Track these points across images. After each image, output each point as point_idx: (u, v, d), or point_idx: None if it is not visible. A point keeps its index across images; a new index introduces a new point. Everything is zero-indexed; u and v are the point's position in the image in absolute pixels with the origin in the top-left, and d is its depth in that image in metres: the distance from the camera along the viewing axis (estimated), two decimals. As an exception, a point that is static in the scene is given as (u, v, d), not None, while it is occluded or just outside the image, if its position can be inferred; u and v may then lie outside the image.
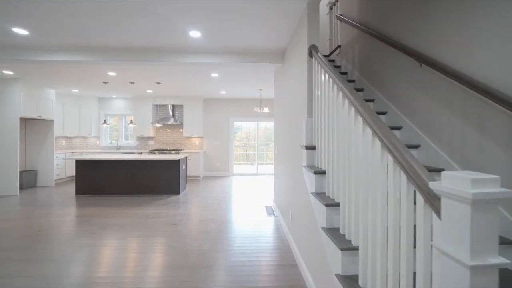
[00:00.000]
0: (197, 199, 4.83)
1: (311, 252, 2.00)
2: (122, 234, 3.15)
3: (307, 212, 2.11)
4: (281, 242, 2.92)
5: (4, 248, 2.75)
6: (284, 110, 3.39)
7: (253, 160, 8.33)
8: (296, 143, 2.58)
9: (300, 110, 2.44)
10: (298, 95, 2.50)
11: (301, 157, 2.33)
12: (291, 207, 2.82)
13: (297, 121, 2.56)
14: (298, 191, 2.45)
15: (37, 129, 6.05)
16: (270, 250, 2.72)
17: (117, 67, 4.27)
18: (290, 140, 2.93)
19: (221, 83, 5.44)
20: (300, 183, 2.35)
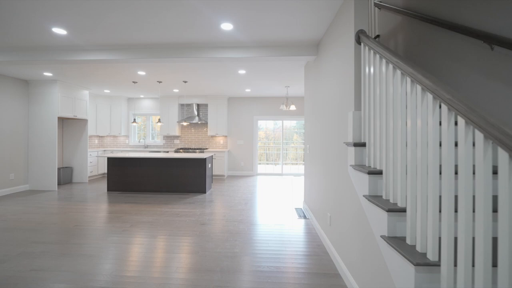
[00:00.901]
0: (224, 199, 4.74)
1: (362, 263, 1.78)
2: (152, 232, 3.13)
3: (355, 216, 1.88)
4: (318, 248, 2.70)
5: (44, 241, 2.83)
6: (318, 106, 3.17)
7: (273, 160, 8.14)
8: (336, 140, 2.36)
9: (343, 104, 2.21)
10: (340, 88, 2.28)
11: (345, 155, 2.11)
12: (329, 210, 2.59)
13: (338, 117, 2.34)
14: (340, 193, 2.22)
15: (72, 128, 6.37)
16: (306, 256, 2.52)
17: (146, 65, 4.31)
18: (327, 138, 2.71)
19: (248, 80, 5.31)
20: (344, 185, 2.13)
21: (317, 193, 3.19)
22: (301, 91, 6.43)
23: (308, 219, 3.60)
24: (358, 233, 1.84)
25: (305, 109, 4.06)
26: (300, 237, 2.99)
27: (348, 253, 2.05)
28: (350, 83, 2.03)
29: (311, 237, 2.99)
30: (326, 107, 2.77)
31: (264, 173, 7.61)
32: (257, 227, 3.30)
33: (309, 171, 3.74)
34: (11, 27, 2.81)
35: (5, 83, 5.05)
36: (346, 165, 2.08)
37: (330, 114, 2.59)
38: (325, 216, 2.76)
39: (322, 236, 2.86)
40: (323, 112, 2.90)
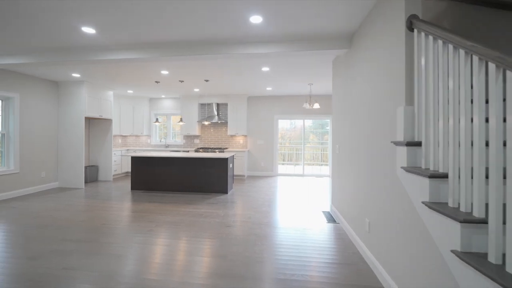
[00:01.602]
0: (246, 200, 4.63)
1: (414, 278, 1.57)
2: (178, 233, 3.07)
3: (407, 224, 1.67)
4: (354, 256, 2.50)
5: (74, 239, 2.85)
6: (351, 103, 2.95)
7: (291, 160, 7.92)
8: (379, 139, 2.14)
9: (387, 99, 2.00)
10: (384, 82, 2.07)
11: (390, 156, 1.90)
12: (368, 216, 2.38)
13: (380, 113, 2.12)
14: (384, 198, 2.01)
15: (98, 128, 6.55)
16: (342, 265, 2.33)
17: (170, 64, 4.29)
18: (365, 137, 2.49)
19: (270, 78, 5.16)
20: (389, 188, 1.92)
21: (350, 197, 2.97)
22: (325, 88, 6.18)
23: (338, 224, 3.39)
24: (410, 243, 1.63)
25: (334, 107, 3.84)
26: (332, 243, 2.79)
27: (395, 264, 1.84)
28: (399, 75, 1.81)
29: (344, 244, 2.78)
30: (363, 103, 2.55)
31: (284, 174, 7.42)
32: (285, 231, 3.14)
33: (338, 172, 3.53)
34: (44, 28, 2.85)
35: (37, 84, 5.27)
36: (393, 166, 1.87)
37: (369, 110, 2.38)
38: (362, 222, 2.55)
39: (357, 243, 2.65)
40: (358, 109, 2.68)
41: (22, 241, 2.83)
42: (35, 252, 2.56)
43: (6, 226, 3.27)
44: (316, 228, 3.26)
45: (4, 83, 4.63)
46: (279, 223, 3.41)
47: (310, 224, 3.38)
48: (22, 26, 2.81)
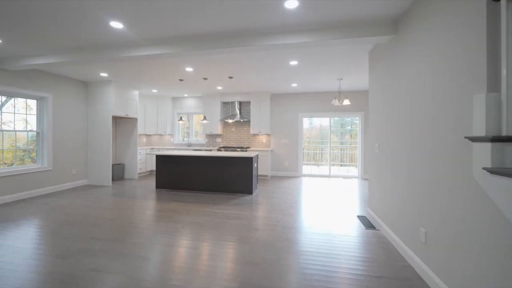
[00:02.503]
0: (272, 201, 4.40)
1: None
2: (205, 235, 2.92)
3: (492, 239, 1.35)
4: (405, 270, 2.17)
5: (102, 238, 2.80)
6: (396, 96, 2.62)
7: (312, 160, 7.54)
8: (439, 135, 1.82)
9: (455, 87, 1.67)
10: (450, 67, 1.74)
11: (461, 154, 1.57)
12: (424, 225, 2.05)
13: (443, 104, 1.79)
14: (451, 204, 1.69)
15: (124, 127, 6.67)
16: (391, 280, 2.02)
17: (195, 60, 4.18)
18: (419, 133, 2.16)
19: (298, 73, 4.89)
20: (461, 194, 1.59)
21: (397, 202, 2.64)
22: (356, 83, 5.78)
23: (378, 231, 3.05)
24: (493, 262, 1.31)
25: (371, 102, 3.50)
26: (376, 254, 2.48)
27: (467, 285, 1.51)
28: (475, 57, 1.49)
29: (389, 255, 2.46)
30: (417, 94, 2.22)
31: (309, 174, 7.10)
32: (320, 237, 2.87)
33: (378, 173, 3.18)
34: (73, 25, 2.83)
35: (69, 84, 5.44)
36: (465, 167, 1.54)
37: (426, 102, 2.04)
38: (415, 231, 2.22)
39: (408, 255, 2.32)
40: (409, 102, 2.35)
41: (53, 238, 2.83)
42: (64, 250, 2.53)
43: (39, 222, 3.33)
44: (353, 235, 2.95)
45: (39, 84, 4.81)
46: (311, 228, 3.14)
47: (346, 230, 3.08)
48: (53, 25, 2.81)
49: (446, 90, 1.77)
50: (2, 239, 2.79)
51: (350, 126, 7.59)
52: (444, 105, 1.78)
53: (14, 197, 4.43)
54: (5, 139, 4.49)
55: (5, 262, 2.31)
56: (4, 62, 4.06)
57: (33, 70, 4.69)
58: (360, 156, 6.69)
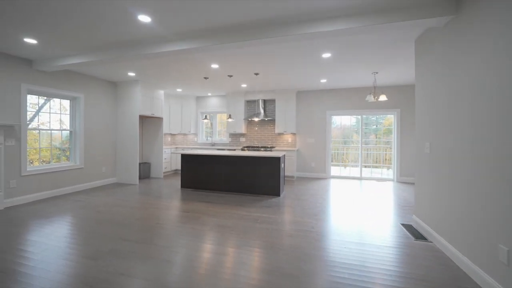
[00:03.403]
0: (302, 204, 4.12)
1: None
2: (234, 240, 2.72)
3: None
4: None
5: (130, 239, 2.72)
6: (455, 89, 2.23)
7: (341, 160, 7.09)
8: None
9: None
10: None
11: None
12: (505, 242, 1.67)
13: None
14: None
15: (150, 126, 6.75)
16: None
17: (222, 55, 4.02)
18: (492, 130, 1.78)
19: (329, 66, 4.56)
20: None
21: (459, 210, 2.25)
22: (393, 78, 5.30)
23: (431, 243, 2.65)
24: None
25: (418, 97, 3.09)
26: (433, 271, 2.12)
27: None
28: None
29: (450, 273, 2.09)
30: (490, 85, 1.84)
31: (338, 176, 6.68)
32: (363, 249, 2.55)
33: (431, 176, 2.78)
34: (102, 21, 2.79)
35: (99, 85, 5.58)
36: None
37: (506, 97, 1.66)
38: (490, 249, 1.84)
39: (478, 276, 1.94)
40: (478, 98, 1.97)
41: (83, 237, 2.80)
42: (95, 251, 2.47)
43: (71, 220, 3.36)
44: (401, 246, 2.59)
45: (71, 84, 4.96)
46: (350, 237, 2.82)
47: (391, 241, 2.72)
48: (83, 24, 2.79)
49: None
50: (37, 236, 2.82)
51: (376, 125, 7.04)
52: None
53: (50, 194, 4.59)
54: (43, 138, 4.67)
55: (38, 260, 2.29)
56: (40, 64, 4.20)
57: (66, 71, 4.83)
58: (395, 156, 6.16)
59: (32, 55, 3.98)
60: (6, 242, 2.66)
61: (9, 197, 4.00)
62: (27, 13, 2.62)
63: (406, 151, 6.05)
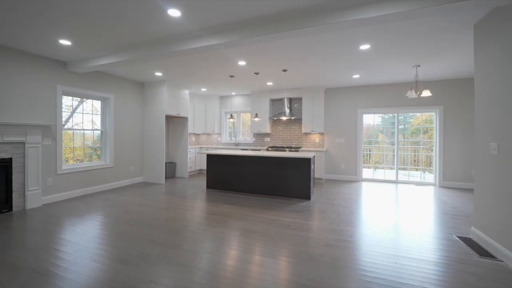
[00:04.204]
0: (336, 209, 3.81)
1: None
2: (268, 248, 2.51)
3: None
4: None
5: (160, 243, 2.63)
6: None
7: (374, 162, 6.59)
8: None
9: None
10: None
11: None
12: None
13: None
14: None
15: (175, 126, 6.78)
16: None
17: (250, 50, 3.84)
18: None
19: (366, 60, 4.19)
20: None
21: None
22: (436, 71, 4.78)
23: (501, 262, 2.24)
24: None
25: (479, 91, 2.66)
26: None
27: None
28: None
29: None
30: None
31: (370, 179, 6.22)
32: (418, 265, 2.21)
33: (496, 182, 2.36)
34: (132, 18, 2.73)
35: (127, 86, 5.67)
36: None
37: None
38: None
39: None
40: None
41: (114, 238, 2.76)
42: (125, 253, 2.39)
43: (101, 219, 3.36)
44: (463, 264, 2.21)
45: (102, 85, 5.07)
46: (399, 250, 2.49)
47: (449, 257, 2.35)
48: (112, 22, 2.75)
49: None
50: (70, 235, 2.83)
51: (403, 124, 6.44)
52: None
53: (82, 192, 4.72)
54: (76, 138, 4.83)
55: (71, 262, 2.25)
56: (73, 65, 4.31)
57: (97, 73, 4.95)
58: (437, 158, 5.58)
59: (66, 57, 4.09)
60: (43, 240, 2.69)
61: (46, 195, 4.14)
62: (62, 14, 2.63)
63: (450, 153, 5.45)
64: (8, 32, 3.10)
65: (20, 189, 3.80)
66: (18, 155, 3.76)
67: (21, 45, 3.60)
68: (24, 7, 2.50)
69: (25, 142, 3.80)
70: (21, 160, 3.79)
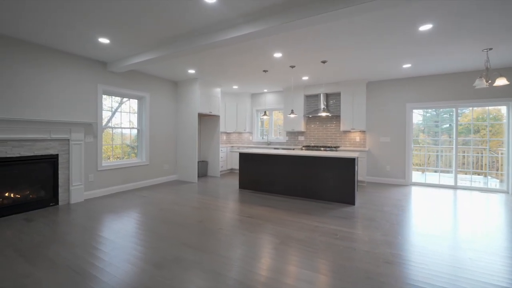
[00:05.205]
0: (388, 218, 3.31)
1: None
2: (318, 262, 2.17)
3: None
4: None
5: (194, 246, 2.44)
6: None
7: (427, 164, 5.76)
8: None
9: None
10: None
11: None
12: None
13: None
14: None
15: (207, 125, 6.73)
16: None
17: (287, 40, 3.52)
18: None
19: (423, 44, 3.60)
20: None
21: None
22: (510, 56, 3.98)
23: None
24: None
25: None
26: None
27: None
28: None
29: None
30: None
31: (422, 183, 5.48)
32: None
33: None
34: (164, 10, 2.59)
35: (162, 84, 5.73)
36: None
37: None
38: None
39: None
40: None
41: (149, 238, 2.65)
42: (159, 256, 2.25)
43: (137, 217, 3.32)
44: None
45: (138, 84, 5.17)
46: (484, 275, 1.97)
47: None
48: (149, 16, 2.65)
49: None
50: (107, 233, 2.80)
51: (449, 124, 5.48)
52: None
53: (120, 188, 4.83)
54: (116, 137, 4.97)
55: (106, 262, 2.16)
56: (113, 65, 4.42)
57: (133, 72, 5.04)
58: (509, 162, 4.68)
59: (106, 57, 4.19)
60: (82, 236, 2.69)
61: (88, 190, 4.29)
62: (101, 11, 2.59)
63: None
64: (55, 33, 3.20)
65: (65, 184, 3.96)
66: (63, 152, 3.92)
67: (67, 47, 3.74)
68: (68, 5, 2.50)
69: (69, 139, 3.95)
70: (66, 156, 3.95)
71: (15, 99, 3.43)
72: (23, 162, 3.51)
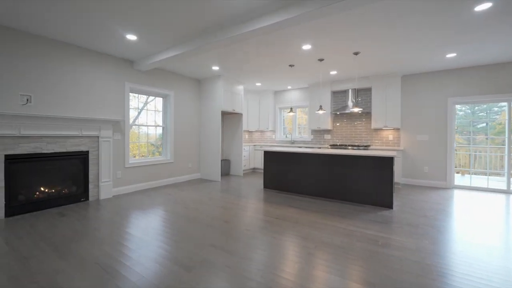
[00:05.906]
0: (433, 224, 2.95)
1: None
2: (357, 271, 1.94)
3: None
4: None
5: (222, 248, 2.31)
6: None
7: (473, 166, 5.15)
8: None
9: None
10: None
11: None
12: None
13: None
14: None
15: (229, 123, 6.64)
16: None
17: (319, 29, 3.29)
18: None
19: (476, 28, 3.18)
20: None
21: None
22: None
23: None
24: None
25: None
26: None
27: None
28: None
29: None
30: None
31: (466, 187, 4.93)
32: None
33: None
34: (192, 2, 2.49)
35: (185, 83, 5.73)
36: None
37: None
38: None
39: None
40: None
41: (175, 237, 2.57)
42: (187, 257, 2.14)
43: (163, 214, 3.28)
44: None
45: (163, 82, 5.19)
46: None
47: None
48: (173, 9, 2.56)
49: None
50: (134, 230, 2.76)
51: (486, 123, 4.82)
52: None
53: (145, 186, 4.88)
54: (141, 136, 5.04)
55: (134, 261, 2.10)
56: (139, 63, 4.46)
57: (158, 70, 5.07)
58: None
59: (132, 54, 4.22)
60: (110, 232, 2.67)
61: (116, 187, 4.37)
62: (128, 8, 2.55)
63: None
64: (85, 33, 3.25)
65: (95, 180, 4.05)
66: (93, 148, 4.01)
67: (96, 46, 3.81)
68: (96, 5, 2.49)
69: (99, 136, 4.03)
70: (95, 153, 4.03)
71: (48, 97, 3.55)
72: (57, 158, 3.62)
